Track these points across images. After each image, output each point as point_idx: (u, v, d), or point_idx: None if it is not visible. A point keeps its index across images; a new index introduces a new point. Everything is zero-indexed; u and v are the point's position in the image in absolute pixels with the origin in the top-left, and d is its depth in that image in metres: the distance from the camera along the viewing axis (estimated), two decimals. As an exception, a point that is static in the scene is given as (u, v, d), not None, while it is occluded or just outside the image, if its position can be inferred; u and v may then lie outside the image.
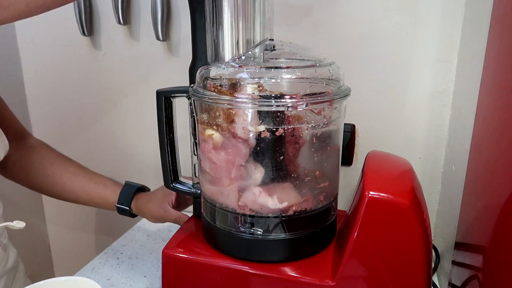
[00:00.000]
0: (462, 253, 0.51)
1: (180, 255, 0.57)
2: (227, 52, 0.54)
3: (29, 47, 0.93)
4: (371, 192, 0.49)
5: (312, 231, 0.55)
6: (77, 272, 0.71)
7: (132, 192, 0.71)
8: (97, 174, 0.74)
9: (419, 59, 0.69)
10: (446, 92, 0.69)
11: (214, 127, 0.53)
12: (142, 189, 0.73)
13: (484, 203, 0.43)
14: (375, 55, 0.70)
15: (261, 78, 0.51)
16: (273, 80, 0.51)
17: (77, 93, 0.93)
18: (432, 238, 0.70)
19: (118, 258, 0.75)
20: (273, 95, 0.49)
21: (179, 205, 0.71)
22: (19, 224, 0.58)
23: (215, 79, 0.54)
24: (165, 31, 0.80)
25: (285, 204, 0.53)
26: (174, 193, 0.69)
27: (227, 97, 0.51)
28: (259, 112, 0.50)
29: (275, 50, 0.56)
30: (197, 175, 0.62)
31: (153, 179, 0.93)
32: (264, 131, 0.50)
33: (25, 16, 0.45)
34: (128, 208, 0.70)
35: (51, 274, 1.09)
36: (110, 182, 0.73)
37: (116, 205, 0.70)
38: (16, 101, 0.95)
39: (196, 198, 0.64)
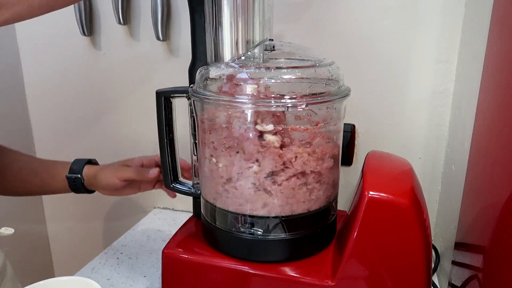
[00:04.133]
0: (462, 253, 0.51)
1: (180, 255, 0.57)
2: (227, 52, 0.54)
3: (29, 47, 0.93)
4: (371, 192, 0.49)
5: (312, 231, 0.55)
6: (77, 272, 0.71)
7: (83, 162, 0.69)
8: (48, 160, 0.72)
9: (419, 59, 0.69)
10: (446, 92, 0.69)
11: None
12: (93, 162, 0.72)
13: (484, 203, 0.43)
14: (375, 55, 0.70)
15: (260, 78, 0.51)
16: (273, 81, 0.51)
17: (77, 93, 0.93)
18: (432, 238, 0.70)
19: (118, 258, 0.75)
20: (273, 95, 0.50)
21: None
22: (7, 231, 0.56)
23: (215, 79, 0.54)
24: (165, 31, 0.80)
25: (285, 204, 0.53)
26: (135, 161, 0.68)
27: (227, 97, 0.51)
28: (259, 112, 0.50)
29: (274, 50, 0.56)
30: (197, 175, 0.62)
31: (153, 179, 0.93)
32: (264, 131, 0.50)
33: (26, 17, 0.45)
34: (80, 175, 0.67)
35: (51, 274, 1.09)
36: (60, 162, 0.71)
37: (67, 175, 0.67)
38: (16, 101, 0.96)
39: (196, 198, 0.64)
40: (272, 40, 0.58)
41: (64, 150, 0.97)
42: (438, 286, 0.64)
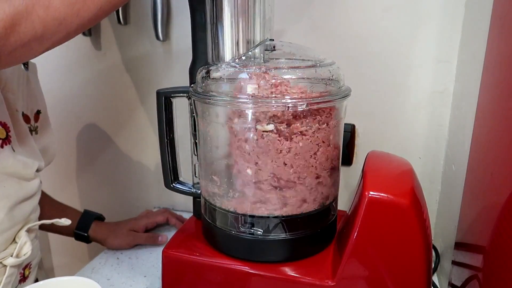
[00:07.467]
0: (462, 253, 0.51)
1: (180, 255, 0.57)
2: (227, 52, 0.54)
3: (29, 47, 0.93)
4: (371, 192, 0.49)
5: (312, 231, 0.55)
6: (77, 272, 0.71)
7: (91, 220, 0.77)
8: (58, 202, 0.78)
9: (419, 59, 0.69)
10: (446, 92, 0.69)
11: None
12: (100, 217, 0.79)
13: (484, 203, 0.43)
14: (375, 55, 0.70)
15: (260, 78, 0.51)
16: (273, 81, 0.51)
17: (76, 93, 0.93)
18: (432, 238, 0.70)
19: (118, 258, 0.75)
20: (273, 95, 0.50)
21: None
22: (67, 222, 0.63)
23: (215, 79, 0.54)
24: (165, 31, 0.80)
25: (285, 204, 0.53)
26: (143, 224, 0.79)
27: (227, 97, 0.51)
28: (259, 112, 0.50)
29: (275, 50, 0.56)
30: (197, 175, 0.62)
31: (153, 179, 0.93)
32: (265, 130, 0.50)
33: (63, 42, 0.45)
34: (86, 234, 0.76)
35: (51, 274, 1.09)
36: (70, 209, 0.79)
37: (75, 231, 0.76)
38: (16, 101, 0.95)
39: (196, 198, 0.64)
40: (273, 40, 0.58)
41: (63, 150, 0.97)
42: (438, 286, 0.64)
